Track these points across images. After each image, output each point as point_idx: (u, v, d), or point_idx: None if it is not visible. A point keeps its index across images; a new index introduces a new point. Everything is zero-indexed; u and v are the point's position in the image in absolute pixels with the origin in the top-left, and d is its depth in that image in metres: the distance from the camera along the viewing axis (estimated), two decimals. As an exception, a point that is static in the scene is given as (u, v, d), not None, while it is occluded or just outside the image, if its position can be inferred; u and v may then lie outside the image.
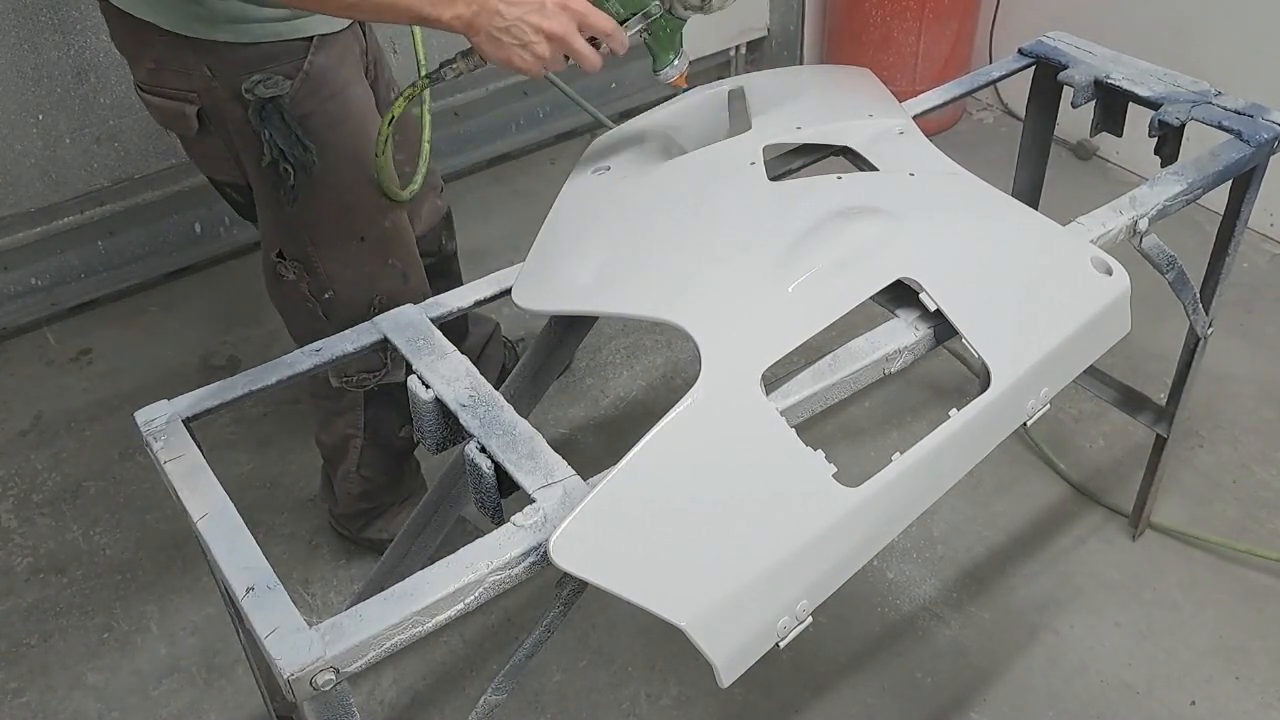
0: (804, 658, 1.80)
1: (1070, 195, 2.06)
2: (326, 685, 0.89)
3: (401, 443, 1.82)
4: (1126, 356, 2.25)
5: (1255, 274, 2.59)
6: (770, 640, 1.00)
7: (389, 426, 1.78)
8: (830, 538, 1.02)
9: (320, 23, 1.44)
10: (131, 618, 1.93)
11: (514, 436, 1.08)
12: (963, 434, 1.11)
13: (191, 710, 1.79)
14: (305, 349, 1.23)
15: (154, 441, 1.11)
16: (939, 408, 2.23)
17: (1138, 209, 1.39)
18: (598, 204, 1.37)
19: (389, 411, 1.75)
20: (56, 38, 2.32)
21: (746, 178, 1.32)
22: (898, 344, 1.18)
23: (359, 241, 1.57)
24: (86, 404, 2.36)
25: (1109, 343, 1.26)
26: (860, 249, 1.19)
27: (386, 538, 1.95)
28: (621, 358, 2.43)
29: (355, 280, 1.60)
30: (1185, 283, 1.54)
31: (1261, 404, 2.25)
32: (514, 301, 1.26)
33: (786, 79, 1.66)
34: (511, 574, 0.97)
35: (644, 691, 1.78)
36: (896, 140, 1.44)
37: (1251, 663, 1.79)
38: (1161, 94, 1.57)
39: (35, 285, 2.56)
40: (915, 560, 1.97)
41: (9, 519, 2.12)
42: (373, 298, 1.61)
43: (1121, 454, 2.15)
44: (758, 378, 1.07)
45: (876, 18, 2.95)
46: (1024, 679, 1.78)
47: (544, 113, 3.11)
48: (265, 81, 1.41)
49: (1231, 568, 1.93)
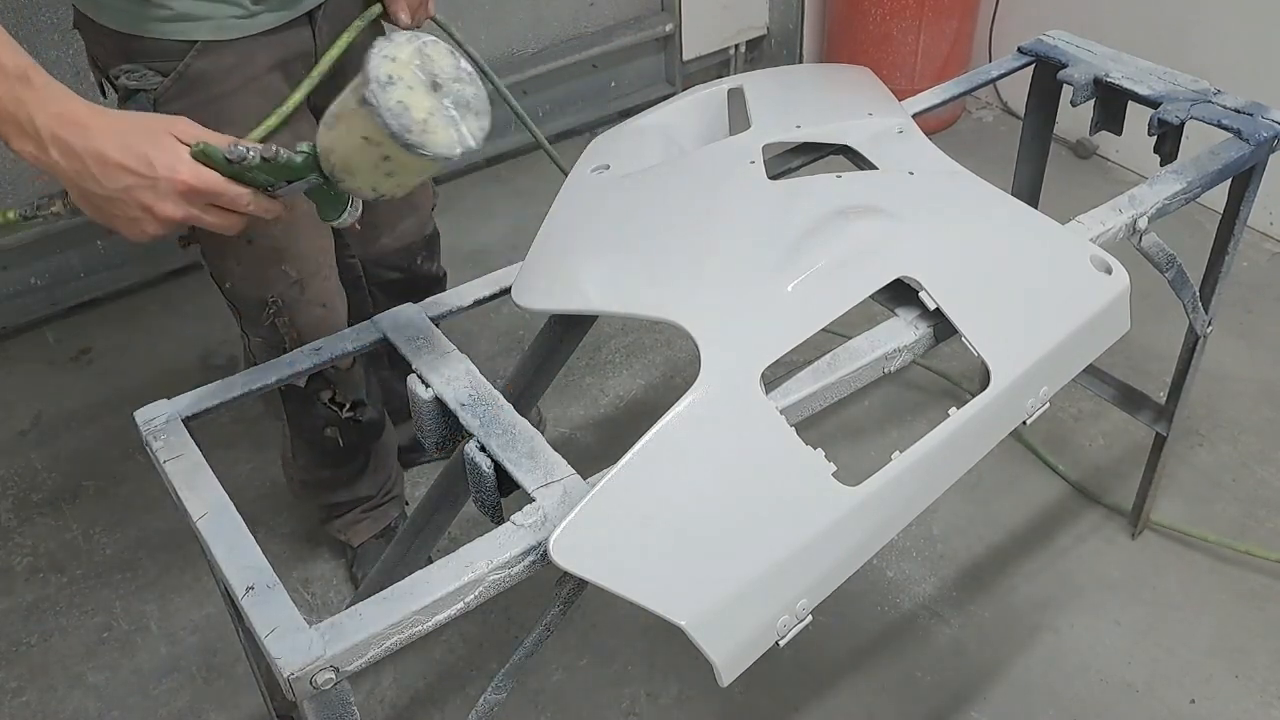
0: (804, 656, 1.80)
1: (1070, 194, 2.07)
2: (326, 684, 0.89)
3: (328, 443, 1.74)
4: (1126, 355, 2.25)
5: (1255, 273, 2.59)
6: (770, 639, 1.00)
7: (309, 424, 1.72)
8: (830, 536, 1.02)
9: (209, 29, 1.34)
10: (131, 617, 1.93)
11: (513, 435, 1.08)
12: (962, 433, 1.11)
13: (191, 710, 1.79)
14: (305, 348, 1.23)
15: (154, 441, 1.11)
16: (939, 407, 2.23)
17: (1137, 207, 1.39)
18: (597, 203, 1.37)
19: (303, 408, 1.69)
20: (56, 38, 2.32)
21: (746, 177, 1.32)
22: (897, 343, 1.18)
23: (246, 243, 1.47)
24: (86, 404, 2.36)
25: (1108, 341, 1.26)
26: (860, 248, 1.19)
27: (345, 540, 1.95)
28: (621, 357, 2.43)
29: (246, 278, 1.52)
30: (1185, 281, 1.54)
31: (1261, 403, 2.25)
32: (513, 301, 1.26)
33: (786, 78, 1.65)
34: (511, 573, 0.97)
35: (644, 690, 1.78)
36: (896, 139, 1.44)
37: (1251, 662, 1.79)
38: (1161, 92, 1.57)
39: (35, 285, 2.56)
40: (915, 559, 1.97)
41: (9, 518, 2.12)
42: (266, 298, 1.53)
43: (1121, 453, 2.15)
44: (757, 376, 1.06)
45: (876, 16, 2.95)
46: (1024, 677, 1.78)
47: (543, 111, 3.11)
48: (132, 74, 1.34)
49: (1231, 567, 1.93)
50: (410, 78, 0.93)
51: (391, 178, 0.99)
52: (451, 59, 0.98)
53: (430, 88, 0.94)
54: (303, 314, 1.56)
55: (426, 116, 0.93)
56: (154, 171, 0.97)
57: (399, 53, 0.94)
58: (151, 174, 0.97)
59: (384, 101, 0.91)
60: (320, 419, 1.70)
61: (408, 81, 0.93)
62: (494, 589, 0.97)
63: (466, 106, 0.97)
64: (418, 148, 0.93)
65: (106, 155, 0.96)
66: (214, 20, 1.33)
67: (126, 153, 0.96)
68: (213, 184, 0.99)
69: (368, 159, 0.96)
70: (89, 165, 0.96)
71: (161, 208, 0.98)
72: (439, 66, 0.96)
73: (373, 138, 0.93)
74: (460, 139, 0.96)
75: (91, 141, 0.96)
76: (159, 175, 0.97)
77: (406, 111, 0.92)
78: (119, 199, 0.98)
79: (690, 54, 3.20)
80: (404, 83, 0.93)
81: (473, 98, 0.97)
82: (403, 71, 0.93)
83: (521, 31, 2.99)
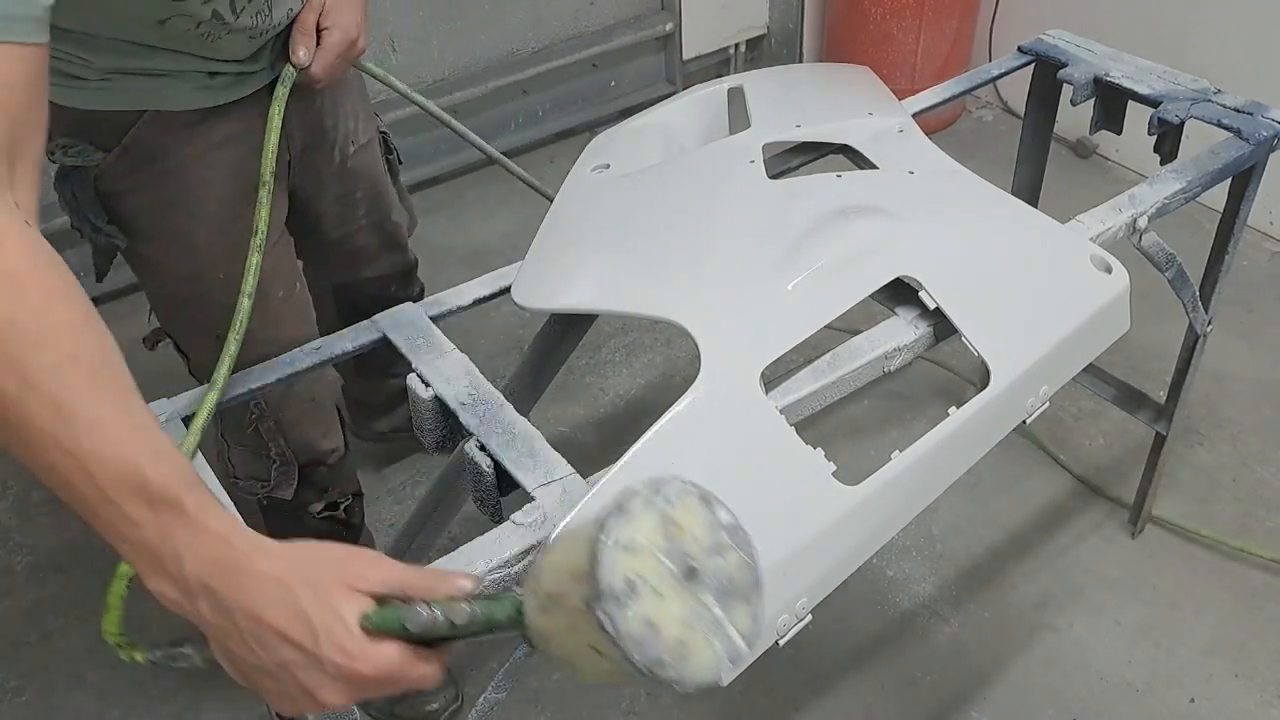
0: (804, 655, 1.80)
1: (1070, 193, 2.06)
2: (326, 683, 0.89)
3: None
4: (1126, 354, 2.25)
5: (1255, 272, 2.59)
6: (770, 638, 1.00)
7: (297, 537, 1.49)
8: (830, 536, 1.02)
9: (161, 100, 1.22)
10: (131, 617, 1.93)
11: (513, 435, 1.08)
12: (962, 432, 1.11)
13: (191, 710, 1.79)
14: (305, 347, 1.23)
15: (153, 440, 1.11)
16: (939, 406, 2.23)
17: (1137, 207, 1.39)
18: (597, 202, 1.37)
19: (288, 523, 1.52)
20: None
21: (746, 176, 1.32)
22: (897, 342, 1.18)
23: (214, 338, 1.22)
24: (86, 403, 2.36)
25: (1108, 341, 1.26)
26: (859, 247, 1.19)
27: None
28: (621, 356, 2.43)
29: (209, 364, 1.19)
30: (1185, 280, 1.54)
31: (1261, 402, 2.25)
32: (513, 300, 1.26)
33: (786, 77, 1.66)
34: (511, 572, 0.97)
35: (644, 690, 1.78)
36: (896, 138, 1.44)
37: (1251, 661, 1.79)
38: (1161, 92, 1.57)
39: (35, 284, 2.55)
40: (915, 558, 1.97)
41: (8, 518, 2.12)
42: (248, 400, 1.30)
43: (1121, 452, 2.15)
44: (757, 376, 1.06)
45: (876, 16, 2.95)
46: (1023, 677, 1.78)
47: (543, 111, 3.11)
48: (70, 149, 1.21)
49: (1231, 566, 1.93)
50: (656, 573, 0.64)
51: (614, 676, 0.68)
52: (705, 514, 0.68)
53: (683, 578, 0.65)
54: (288, 412, 1.44)
55: (682, 635, 0.65)
56: (318, 648, 0.72)
57: (636, 534, 0.64)
58: (315, 650, 0.72)
59: (625, 627, 0.63)
60: (309, 534, 1.52)
61: (654, 581, 0.64)
62: (494, 588, 0.97)
63: (731, 591, 0.67)
64: (672, 684, 0.66)
65: (262, 615, 0.72)
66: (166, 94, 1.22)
67: (286, 612, 0.72)
68: (390, 671, 0.73)
69: (598, 665, 0.67)
70: (239, 624, 0.73)
71: (325, 695, 0.74)
72: (691, 537, 0.66)
73: (607, 654, 0.65)
74: (728, 654, 0.67)
75: (245, 595, 0.73)
76: (323, 655, 0.72)
77: (656, 636, 0.63)
78: (272, 673, 0.75)
79: (690, 53, 3.20)
80: (649, 585, 0.64)
81: (739, 570, 0.67)
82: (644, 567, 0.64)
83: (521, 31, 2.99)
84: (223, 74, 1.26)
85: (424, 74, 2.85)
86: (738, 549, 0.68)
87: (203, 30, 1.18)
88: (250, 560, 0.74)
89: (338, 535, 1.57)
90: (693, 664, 0.65)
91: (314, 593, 0.72)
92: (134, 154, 1.24)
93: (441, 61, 2.87)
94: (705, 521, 0.67)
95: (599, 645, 0.64)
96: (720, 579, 0.66)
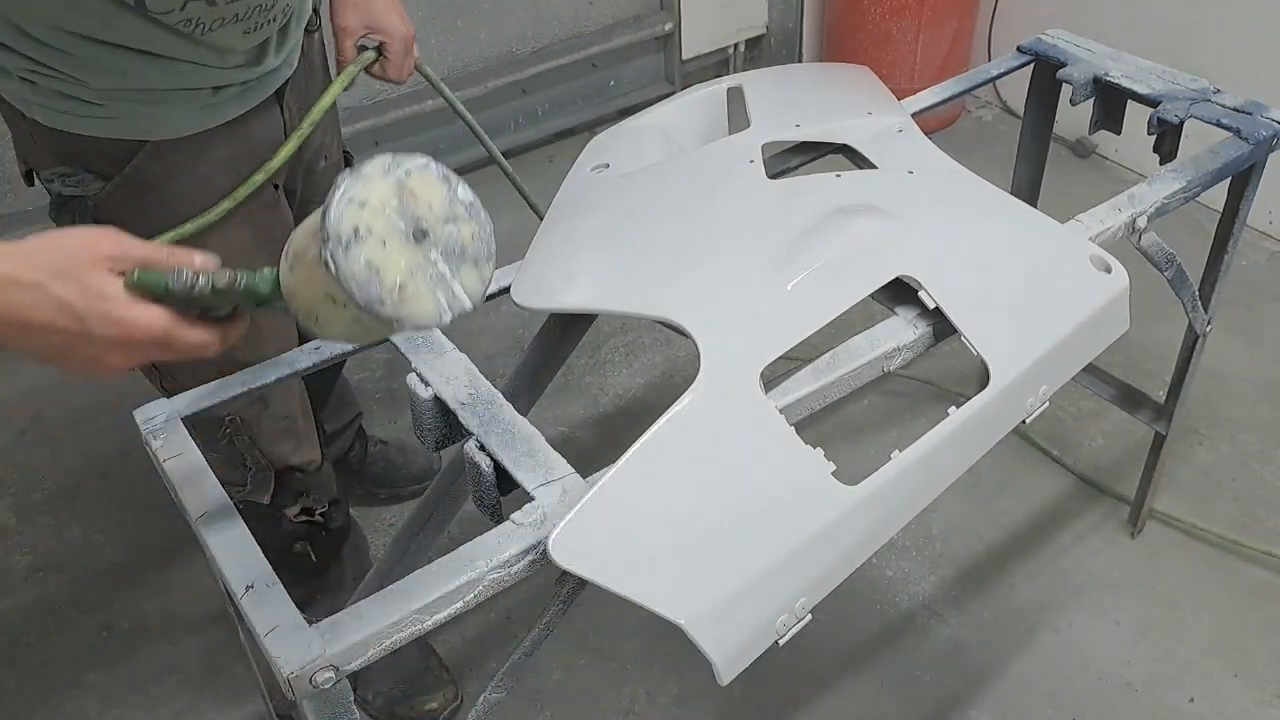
0: (803, 655, 1.80)
1: (1069, 193, 2.06)
2: (326, 683, 0.89)
3: (298, 559, 1.55)
4: (1125, 354, 2.25)
5: (1254, 272, 2.59)
6: (769, 638, 1.00)
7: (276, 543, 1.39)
8: (829, 535, 1.02)
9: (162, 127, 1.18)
10: (131, 616, 1.93)
11: (513, 434, 1.08)
12: (962, 432, 1.11)
13: (191, 709, 1.79)
14: (305, 346, 1.22)
15: (153, 440, 1.11)
16: (938, 406, 2.23)
17: (1136, 206, 1.39)
18: (596, 202, 1.37)
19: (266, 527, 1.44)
20: None
21: (745, 176, 1.32)
22: (897, 342, 1.18)
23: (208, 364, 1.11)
24: (86, 403, 2.36)
25: (1108, 340, 1.26)
26: (859, 247, 1.19)
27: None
28: (620, 356, 2.43)
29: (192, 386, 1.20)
30: (1184, 280, 1.54)
31: (1260, 402, 2.25)
32: (513, 300, 1.26)
33: (785, 77, 1.65)
34: (511, 572, 0.97)
35: (644, 689, 1.78)
36: (895, 138, 1.44)
37: (1250, 660, 1.79)
38: (1160, 91, 1.57)
39: (34, 284, 2.55)
40: (914, 558, 1.97)
41: (8, 518, 2.12)
42: (222, 415, 1.33)
43: (1120, 452, 2.15)
44: (757, 375, 1.06)
45: (875, 15, 2.95)
46: (1023, 677, 1.78)
47: (543, 110, 3.11)
48: (68, 178, 1.18)
49: (1230, 565, 1.93)
50: (383, 228, 0.74)
51: (368, 333, 0.81)
52: (443, 189, 0.78)
53: (411, 238, 0.75)
54: (266, 431, 1.41)
55: (404, 280, 0.75)
56: (84, 326, 0.77)
57: (369, 193, 0.74)
58: (85, 330, 0.77)
59: (347, 267, 0.72)
60: (287, 537, 1.52)
61: (380, 233, 0.74)
62: (493, 588, 0.97)
63: (461, 255, 0.78)
64: (392, 320, 0.75)
65: (27, 318, 0.77)
66: (167, 118, 1.18)
67: (48, 308, 0.77)
68: (162, 332, 0.79)
69: (336, 316, 0.77)
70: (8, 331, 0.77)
71: (109, 360, 0.80)
72: (425, 204, 0.76)
73: (338, 299, 0.75)
74: (449, 304, 0.78)
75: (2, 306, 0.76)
76: (94, 332, 0.77)
77: (376, 277, 0.73)
78: (58, 359, 0.79)
79: (690, 53, 3.20)
80: (374, 236, 0.74)
81: (471, 239, 0.78)
82: (373, 221, 0.74)
83: (521, 30, 2.99)
84: (226, 87, 1.22)
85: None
86: (473, 222, 0.79)
87: (189, 14, 1.11)
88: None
89: (317, 539, 1.56)
90: (412, 307, 0.75)
91: (66, 282, 0.77)
92: (134, 183, 1.20)
93: (441, 61, 2.87)
94: (443, 195, 0.77)
95: (334, 293, 0.74)
96: (451, 243, 0.77)
